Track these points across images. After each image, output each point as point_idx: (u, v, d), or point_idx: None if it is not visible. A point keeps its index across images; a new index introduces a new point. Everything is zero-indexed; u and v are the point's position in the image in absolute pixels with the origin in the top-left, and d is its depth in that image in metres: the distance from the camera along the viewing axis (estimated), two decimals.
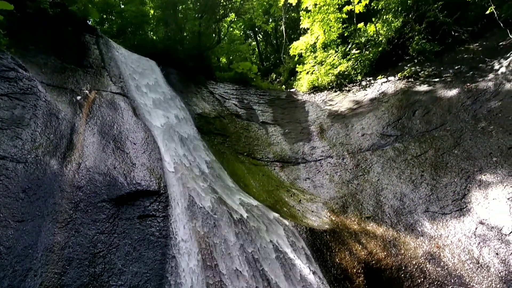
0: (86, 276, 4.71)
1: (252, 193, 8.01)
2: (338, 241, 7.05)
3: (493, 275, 5.78)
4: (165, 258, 5.16)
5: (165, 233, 5.40)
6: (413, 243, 6.76)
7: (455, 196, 7.10)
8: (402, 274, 6.46)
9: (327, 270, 6.47)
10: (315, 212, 8.06)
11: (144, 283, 4.89)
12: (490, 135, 7.70)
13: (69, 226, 5.04)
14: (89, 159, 5.86)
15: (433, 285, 6.17)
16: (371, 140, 9.52)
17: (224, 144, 9.49)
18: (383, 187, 8.10)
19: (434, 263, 6.37)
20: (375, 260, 6.72)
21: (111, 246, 5.06)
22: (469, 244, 6.31)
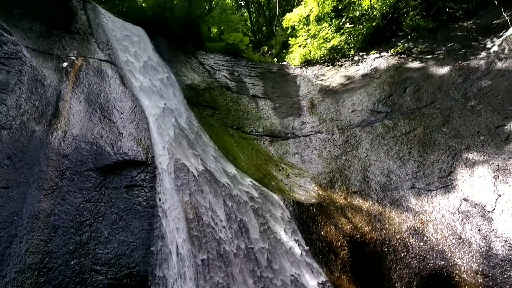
0: (72, 243, 4.71)
1: (241, 166, 8.01)
2: (324, 215, 7.13)
3: (474, 251, 5.92)
4: (152, 227, 5.16)
5: (152, 203, 5.39)
6: (398, 218, 6.87)
7: (441, 173, 7.18)
8: (386, 248, 6.58)
9: (312, 243, 6.56)
10: (303, 186, 8.10)
11: (130, 251, 4.90)
12: (479, 113, 7.74)
13: (55, 193, 5.00)
14: (75, 127, 5.77)
15: (415, 259, 6.30)
16: (361, 116, 9.52)
17: (213, 117, 9.41)
18: (370, 163, 8.15)
19: (417, 238, 6.49)
20: (360, 234, 6.82)
21: (97, 215, 5.05)
22: (453, 220, 6.42)
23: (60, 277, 4.44)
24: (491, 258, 5.76)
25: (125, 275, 4.75)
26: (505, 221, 5.90)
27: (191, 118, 8.23)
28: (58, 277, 4.44)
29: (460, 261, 5.96)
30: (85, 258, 4.67)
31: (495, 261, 5.70)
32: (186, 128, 7.48)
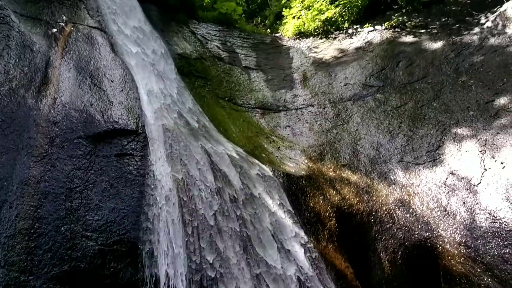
0: (63, 210, 4.75)
1: (232, 138, 8.03)
2: (314, 187, 7.23)
3: (458, 223, 6.07)
4: (142, 195, 5.22)
5: (143, 172, 5.43)
6: (385, 191, 6.99)
7: (429, 148, 7.28)
8: (372, 219, 6.73)
9: (301, 213, 6.67)
10: (293, 159, 8.16)
11: (121, 218, 4.97)
12: (469, 89, 7.79)
13: (44, 160, 5.01)
14: (65, 94, 5.71)
15: (401, 230, 6.46)
16: (353, 90, 9.52)
17: (204, 88, 9.35)
18: (361, 137, 8.21)
19: (403, 210, 6.63)
20: (348, 205, 6.95)
21: (88, 182, 5.08)
22: (439, 193, 6.55)
23: (50, 242, 4.50)
24: (474, 230, 5.92)
25: (115, 242, 4.83)
26: (490, 195, 6.03)
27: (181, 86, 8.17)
28: (49, 242, 4.50)
29: (444, 232, 6.12)
30: (75, 224, 4.73)
31: (478, 233, 5.86)
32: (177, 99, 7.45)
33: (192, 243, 4.99)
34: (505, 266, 5.47)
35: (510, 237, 5.58)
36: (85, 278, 4.52)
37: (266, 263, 5.23)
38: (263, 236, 5.50)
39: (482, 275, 5.59)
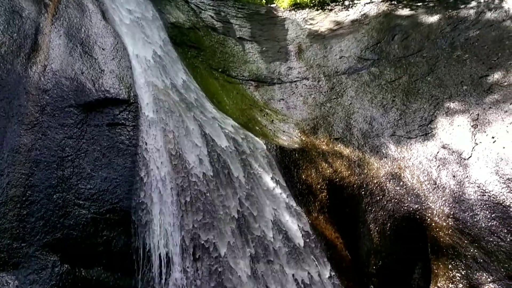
0: (55, 178, 4.75)
1: (225, 110, 7.99)
2: (306, 160, 7.26)
3: (447, 195, 6.16)
4: (134, 165, 5.22)
5: (135, 142, 5.41)
6: (377, 164, 7.04)
7: (422, 122, 7.30)
8: (363, 192, 6.80)
9: (293, 185, 6.73)
10: (287, 132, 8.17)
11: (113, 188, 4.98)
12: (464, 63, 7.77)
13: (35, 128, 4.97)
14: (55, 62, 5.62)
15: (391, 202, 6.55)
16: (348, 63, 9.45)
17: (198, 58, 9.23)
18: (354, 111, 8.21)
19: (394, 183, 6.70)
20: (339, 178, 7.01)
21: (79, 151, 5.06)
22: (429, 166, 6.62)
23: (43, 210, 4.52)
24: (463, 203, 6.01)
25: (108, 210, 4.86)
26: (480, 168, 6.10)
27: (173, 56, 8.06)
28: (41, 210, 4.51)
29: (433, 205, 6.21)
30: (67, 192, 4.74)
31: (466, 206, 5.95)
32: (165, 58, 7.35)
33: (185, 212, 5.02)
34: (492, 237, 5.59)
35: (498, 210, 5.68)
36: (78, 246, 4.57)
37: (259, 231, 5.29)
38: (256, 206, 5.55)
39: (469, 247, 5.72)
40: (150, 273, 4.74)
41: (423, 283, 6.24)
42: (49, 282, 4.21)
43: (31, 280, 4.15)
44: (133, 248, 4.80)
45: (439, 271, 5.95)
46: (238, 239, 5.07)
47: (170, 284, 4.66)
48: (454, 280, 5.74)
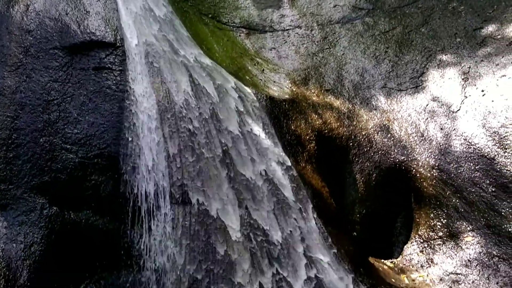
0: (41, 122, 4.69)
1: (215, 57, 7.81)
2: (296, 110, 7.24)
3: (434, 147, 6.25)
4: (122, 111, 5.15)
5: (122, 87, 5.31)
6: (366, 116, 7.06)
7: (413, 74, 7.26)
8: (351, 143, 6.86)
9: (282, 136, 6.74)
10: (277, 82, 8.07)
11: (101, 133, 4.94)
12: (459, 15, 7.62)
13: (19, 70, 4.84)
14: (38, 1, 5.37)
15: (378, 153, 6.63)
16: (343, 12, 9.21)
17: (187, 2, 8.91)
18: (346, 62, 8.10)
19: (382, 135, 6.76)
20: (328, 129, 7.03)
21: (65, 95, 4.96)
22: (418, 119, 6.66)
23: (29, 153, 4.50)
24: (448, 155, 6.11)
25: (96, 155, 4.84)
26: (467, 121, 6.16)
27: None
28: (28, 153, 4.49)
29: (419, 156, 6.31)
30: (54, 136, 4.70)
31: (452, 158, 6.06)
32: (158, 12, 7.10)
33: (174, 159, 5.04)
34: (474, 188, 5.75)
35: (482, 162, 5.81)
36: (66, 189, 4.59)
37: (246, 179, 5.35)
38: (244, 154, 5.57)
39: (451, 197, 5.88)
40: (139, 217, 4.81)
41: (405, 231, 6.47)
42: (38, 224, 4.26)
43: (20, 222, 4.20)
44: (122, 193, 4.83)
45: (421, 220, 6.15)
46: (226, 185, 5.12)
47: (158, 227, 4.75)
48: (435, 229, 5.95)
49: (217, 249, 4.74)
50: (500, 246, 5.45)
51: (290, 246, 5.16)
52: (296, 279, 5.00)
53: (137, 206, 4.84)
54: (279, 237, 5.17)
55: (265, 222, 5.18)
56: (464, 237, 5.68)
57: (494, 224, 5.55)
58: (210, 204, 4.91)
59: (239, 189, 5.29)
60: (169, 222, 4.83)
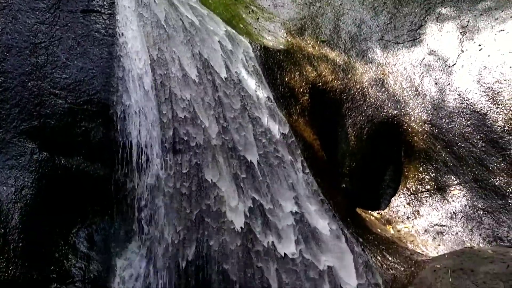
0: (28, 65, 4.57)
1: (208, 4, 7.56)
2: (291, 62, 7.13)
3: (427, 102, 6.24)
4: (111, 56, 5.01)
5: (112, 31, 5.14)
6: (361, 69, 6.98)
7: (411, 27, 7.13)
8: (345, 97, 6.82)
9: (275, 88, 6.67)
10: (272, 31, 7.88)
11: (90, 78, 4.83)
12: None
13: (5, 11, 4.65)
14: None
15: (371, 107, 6.62)
16: None
17: None
18: (344, 12, 7.90)
19: (376, 89, 6.72)
20: (322, 82, 6.96)
21: (53, 38, 4.81)
22: (413, 73, 6.60)
23: (17, 97, 4.41)
24: (441, 110, 6.12)
25: (85, 101, 4.76)
26: (462, 76, 6.13)
27: None
28: (16, 97, 4.40)
29: (412, 111, 6.31)
30: (42, 81, 4.60)
31: (444, 112, 6.07)
32: None
33: (165, 105, 4.98)
34: (464, 143, 5.81)
35: (474, 117, 5.83)
36: (56, 135, 4.54)
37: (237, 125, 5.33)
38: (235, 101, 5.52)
39: (441, 151, 5.95)
40: (130, 164, 4.82)
41: (393, 184, 6.59)
42: (28, 168, 4.25)
43: (10, 166, 4.19)
44: (112, 140, 4.80)
45: (410, 173, 6.25)
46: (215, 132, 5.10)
47: (149, 175, 4.77)
48: (423, 182, 6.06)
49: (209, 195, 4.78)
50: (486, 199, 5.59)
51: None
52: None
53: (128, 153, 4.83)
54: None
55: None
56: (451, 190, 5.80)
57: (481, 178, 5.66)
58: (201, 150, 4.90)
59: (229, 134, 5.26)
60: (160, 169, 4.85)
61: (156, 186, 4.71)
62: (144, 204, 4.71)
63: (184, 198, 4.68)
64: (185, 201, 4.65)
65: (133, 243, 4.69)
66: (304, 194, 5.28)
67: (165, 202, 4.68)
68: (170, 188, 4.70)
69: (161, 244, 4.55)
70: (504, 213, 5.45)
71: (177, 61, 5.33)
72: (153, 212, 4.72)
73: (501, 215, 5.45)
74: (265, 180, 5.14)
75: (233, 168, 4.95)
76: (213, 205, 4.65)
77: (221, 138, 5.14)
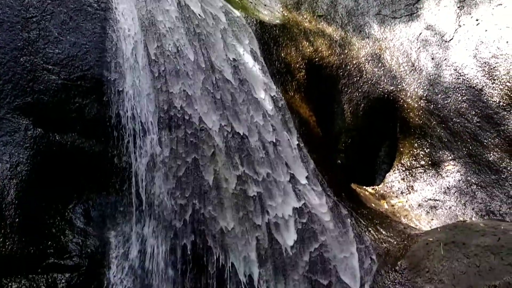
0: (20, 40, 4.50)
1: None
2: (287, 37, 7.06)
3: (423, 77, 6.22)
4: (105, 31, 4.95)
5: (104, 5, 5.06)
6: (358, 44, 6.92)
7: (409, 1, 7.05)
8: (341, 72, 6.79)
9: (271, 63, 6.62)
10: (268, 6, 7.77)
11: (83, 54, 4.78)
12: None
13: None
14: None
15: (367, 83, 6.60)
16: None
17: None
18: None
19: (373, 64, 6.68)
20: (319, 58, 6.91)
21: (45, 13, 4.72)
22: (410, 48, 6.56)
23: (10, 73, 4.36)
24: (437, 85, 6.11)
25: (79, 77, 4.72)
26: (459, 51, 6.10)
27: None
28: (8, 73, 4.36)
29: (408, 87, 6.30)
30: (35, 56, 4.54)
31: (440, 88, 6.07)
32: None
33: (159, 81, 4.94)
34: (459, 119, 5.82)
35: (469, 93, 5.83)
36: (49, 111, 4.52)
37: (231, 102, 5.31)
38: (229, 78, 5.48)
39: (436, 127, 5.97)
40: (125, 140, 4.81)
41: (388, 160, 6.64)
42: (23, 145, 4.24)
43: (4, 142, 4.17)
44: (107, 116, 4.78)
45: (405, 149, 6.28)
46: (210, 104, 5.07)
47: (144, 151, 4.77)
48: (418, 158, 6.10)
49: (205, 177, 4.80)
50: (479, 174, 5.65)
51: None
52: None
53: (124, 130, 4.82)
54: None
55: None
56: (445, 165, 5.85)
57: (475, 153, 5.70)
58: (196, 126, 4.89)
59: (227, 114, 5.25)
60: (156, 145, 4.85)
61: (152, 161, 4.72)
62: (140, 179, 4.73)
63: (180, 172, 4.70)
64: (182, 174, 4.68)
65: (129, 218, 4.73)
66: (299, 170, 5.31)
67: (161, 177, 4.69)
68: (166, 162, 4.71)
69: (157, 218, 4.59)
70: (497, 187, 5.51)
71: (171, 36, 5.26)
72: (149, 187, 4.73)
73: (494, 189, 5.51)
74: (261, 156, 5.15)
75: (228, 142, 4.94)
76: (210, 177, 4.68)
77: (217, 114, 5.12)
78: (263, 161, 5.11)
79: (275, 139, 5.39)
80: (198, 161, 4.77)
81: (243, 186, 4.81)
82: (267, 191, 4.99)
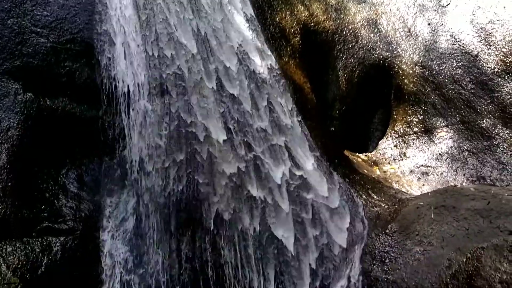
0: (7, 2, 4.39)
1: None
2: (282, 0, 6.89)
3: (419, 43, 6.15)
4: None
5: None
6: (354, 9, 6.78)
7: None
8: (337, 38, 6.68)
9: (266, 28, 6.49)
10: None
11: (72, 16, 4.67)
12: None
13: None
14: None
15: (362, 49, 6.51)
16: None
17: None
18: None
19: (368, 30, 6.57)
20: (314, 23, 6.78)
21: None
22: (407, 13, 6.44)
23: None
24: (433, 51, 6.05)
25: (68, 40, 4.63)
26: (456, 16, 6.01)
27: None
28: None
29: (403, 53, 6.23)
30: (23, 18, 4.44)
31: (436, 54, 6.01)
32: None
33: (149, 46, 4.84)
34: (454, 85, 5.80)
35: (464, 59, 5.79)
36: (39, 75, 4.45)
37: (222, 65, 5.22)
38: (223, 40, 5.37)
39: (430, 94, 5.95)
40: (116, 106, 4.77)
41: (381, 127, 6.64)
42: (13, 109, 4.20)
43: None
44: (98, 81, 4.72)
45: (398, 116, 6.28)
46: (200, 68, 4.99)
47: (136, 116, 4.73)
48: (411, 125, 6.10)
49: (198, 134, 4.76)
50: (472, 141, 5.68)
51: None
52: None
53: (115, 96, 4.76)
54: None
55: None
56: (438, 132, 5.87)
57: (468, 120, 5.71)
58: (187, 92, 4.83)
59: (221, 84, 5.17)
60: (148, 112, 4.80)
61: (144, 126, 4.69)
62: (132, 144, 4.72)
63: (173, 138, 4.68)
64: (174, 140, 4.65)
65: (122, 183, 4.75)
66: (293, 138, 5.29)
67: (153, 143, 4.67)
68: (158, 128, 4.68)
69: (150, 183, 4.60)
70: (488, 154, 5.55)
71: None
72: (141, 153, 4.72)
73: (486, 155, 5.56)
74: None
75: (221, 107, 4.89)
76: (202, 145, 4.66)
77: (212, 80, 5.03)
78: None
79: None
80: (190, 125, 4.71)
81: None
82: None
